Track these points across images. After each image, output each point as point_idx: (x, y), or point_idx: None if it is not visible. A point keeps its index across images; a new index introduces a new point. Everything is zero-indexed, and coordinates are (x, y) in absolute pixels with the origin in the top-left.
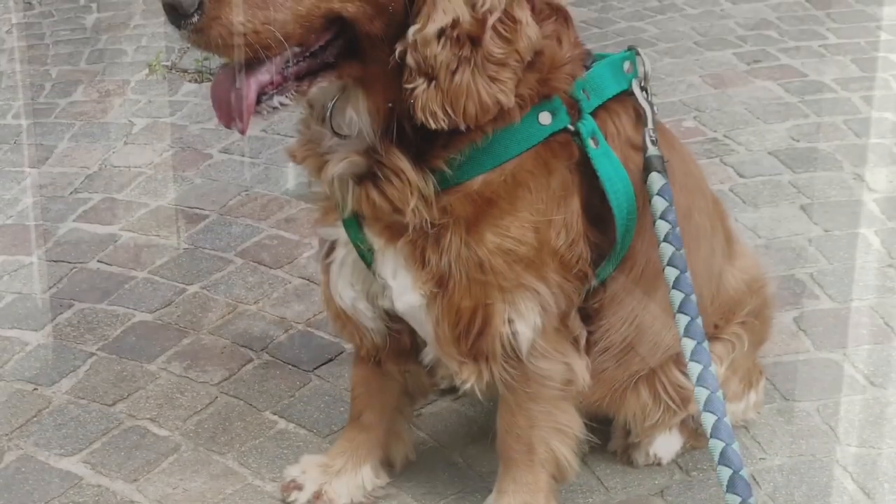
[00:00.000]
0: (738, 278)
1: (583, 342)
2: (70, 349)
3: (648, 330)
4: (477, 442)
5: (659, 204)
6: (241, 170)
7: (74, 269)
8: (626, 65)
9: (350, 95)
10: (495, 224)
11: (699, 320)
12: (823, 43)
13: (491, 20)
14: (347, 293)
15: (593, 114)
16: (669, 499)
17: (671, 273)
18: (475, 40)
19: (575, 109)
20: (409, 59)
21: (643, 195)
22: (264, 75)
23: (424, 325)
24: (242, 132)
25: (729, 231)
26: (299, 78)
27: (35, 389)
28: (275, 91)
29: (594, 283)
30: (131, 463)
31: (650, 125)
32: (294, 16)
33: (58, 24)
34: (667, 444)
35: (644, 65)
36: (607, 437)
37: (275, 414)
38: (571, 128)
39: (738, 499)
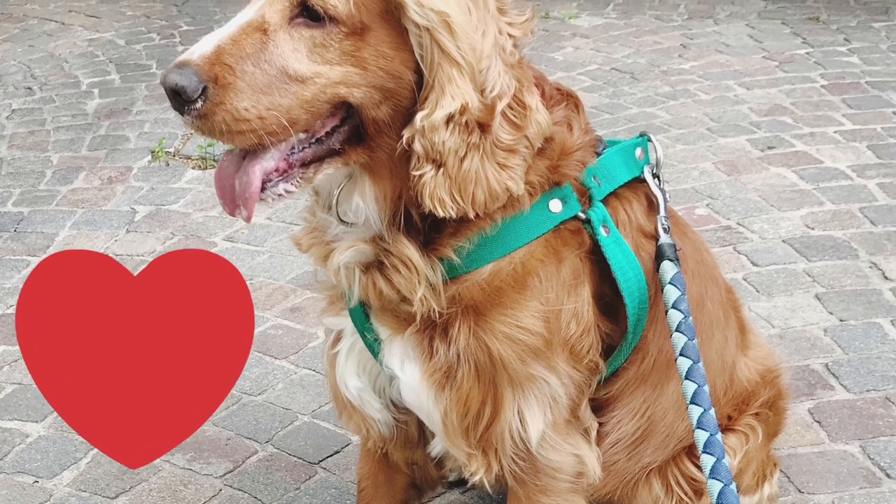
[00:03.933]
0: (751, 369)
1: (594, 434)
2: (71, 441)
3: (660, 421)
4: None
5: (671, 293)
6: (246, 258)
7: None
8: (638, 151)
9: (356, 182)
10: (504, 313)
11: (712, 411)
12: (839, 129)
13: (500, 106)
14: (354, 384)
15: (604, 201)
16: None
17: (684, 363)
18: (484, 126)
19: (586, 197)
20: (417, 146)
21: (655, 284)
22: (269, 162)
23: (432, 417)
24: (247, 220)
25: (742, 320)
26: (305, 164)
27: (36, 482)
28: (280, 178)
29: (605, 373)
30: None
31: (662, 213)
32: (299, 101)
33: (59, 109)
34: None
35: (656, 151)
36: None
37: None
38: (582, 215)
39: None
